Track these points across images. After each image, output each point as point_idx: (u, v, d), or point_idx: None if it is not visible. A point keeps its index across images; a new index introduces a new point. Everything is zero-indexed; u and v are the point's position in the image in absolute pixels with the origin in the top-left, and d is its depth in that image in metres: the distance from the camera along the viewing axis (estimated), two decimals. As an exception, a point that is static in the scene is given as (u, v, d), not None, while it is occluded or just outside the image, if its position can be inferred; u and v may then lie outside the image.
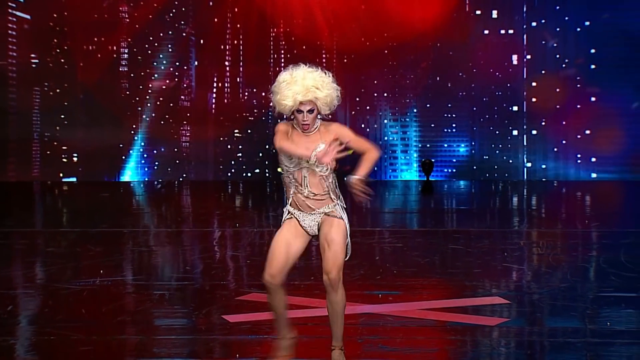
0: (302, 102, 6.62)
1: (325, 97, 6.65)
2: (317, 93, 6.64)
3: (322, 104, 6.66)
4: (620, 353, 7.39)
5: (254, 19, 17.14)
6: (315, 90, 6.62)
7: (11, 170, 17.24)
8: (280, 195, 16.44)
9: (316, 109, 6.67)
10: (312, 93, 6.62)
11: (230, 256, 11.62)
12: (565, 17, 16.73)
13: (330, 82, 6.71)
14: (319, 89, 6.65)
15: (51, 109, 17.12)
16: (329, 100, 6.68)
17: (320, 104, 6.66)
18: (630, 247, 11.54)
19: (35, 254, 11.91)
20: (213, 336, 7.89)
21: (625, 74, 16.58)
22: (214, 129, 17.24)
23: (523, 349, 7.60)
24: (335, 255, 6.76)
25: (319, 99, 6.65)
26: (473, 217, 14.71)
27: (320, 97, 6.66)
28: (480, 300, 9.07)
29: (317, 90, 6.63)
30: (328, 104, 6.70)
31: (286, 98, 6.64)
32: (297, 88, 6.63)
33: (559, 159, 16.96)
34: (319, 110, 6.69)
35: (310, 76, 6.67)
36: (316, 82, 6.65)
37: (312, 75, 6.68)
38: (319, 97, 6.66)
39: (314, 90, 6.62)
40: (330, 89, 6.69)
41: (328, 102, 6.69)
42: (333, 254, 6.77)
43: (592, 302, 8.98)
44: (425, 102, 16.92)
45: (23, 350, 7.66)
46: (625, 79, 16.56)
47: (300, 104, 6.62)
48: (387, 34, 16.86)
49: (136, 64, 17.16)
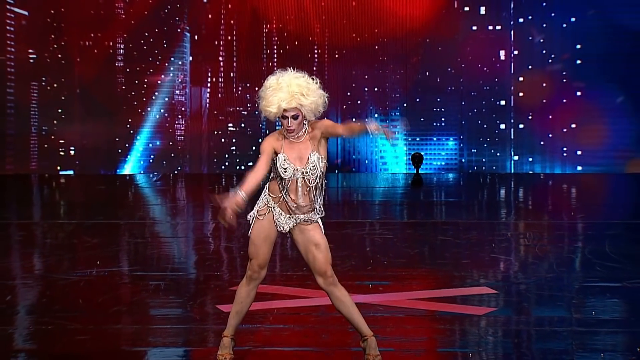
0: (286, 109, 6.59)
1: (310, 103, 6.65)
2: (301, 100, 6.61)
3: (307, 110, 6.66)
4: (605, 342, 7.40)
5: (247, 16, 17.13)
6: (300, 97, 6.61)
7: (9, 163, 17.22)
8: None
9: (301, 114, 6.66)
10: (297, 100, 6.59)
11: (223, 247, 11.62)
12: (551, 14, 16.74)
13: (316, 88, 6.70)
14: (304, 96, 6.64)
15: (48, 104, 17.10)
16: (313, 107, 6.67)
17: (305, 110, 6.65)
18: (615, 238, 11.56)
19: (33, 246, 11.91)
20: (207, 325, 7.89)
21: (610, 69, 16.59)
22: (208, 123, 17.23)
23: (510, 338, 7.61)
24: (326, 256, 6.76)
25: (304, 106, 6.63)
26: (461, 209, 14.72)
27: (305, 104, 6.63)
28: (468, 290, 9.07)
29: (302, 97, 6.62)
30: (313, 110, 6.69)
31: (271, 105, 6.64)
32: (282, 95, 6.63)
33: (545, 152, 16.98)
34: (304, 116, 6.68)
35: (296, 82, 6.66)
36: (301, 89, 6.64)
37: (298, 81, 6.67)
38: (303, 103, 6.62)
39: (298, 97, 6.60)
40: (316, 95, 6.68)
41: (313, 109, 6.68)
42: (324, 255, 6.77)
43: (577, 291, 8.99)
44: (415, 97, 16.94)
45: (21, 340, 7.65)
46: (610, 74, 16.58)
47: (284, 111, 6.61)
48: (378, 30, 16.87)
49: (132, 59, 17.14)
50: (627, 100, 16.78)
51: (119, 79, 17.24)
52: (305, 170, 6.70)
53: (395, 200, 14.66)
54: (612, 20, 16.72)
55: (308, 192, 6.76)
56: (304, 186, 6.76)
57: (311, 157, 6.70)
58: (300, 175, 6.71)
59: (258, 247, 6.86)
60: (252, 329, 7.76)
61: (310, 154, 6.70)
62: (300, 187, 6.74)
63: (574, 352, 7.13)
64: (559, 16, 16.89)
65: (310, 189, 6.75)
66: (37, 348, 7.43)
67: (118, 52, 17.23)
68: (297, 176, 6.72)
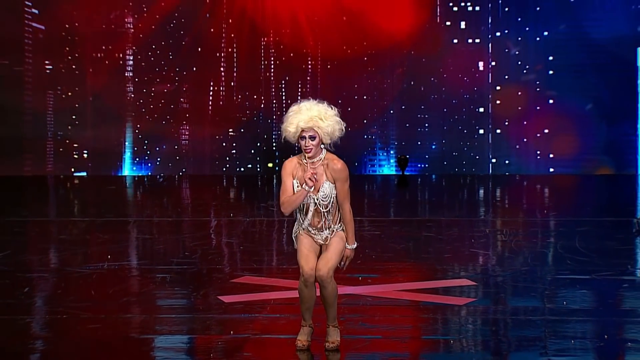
0: (303, 128, 6.70)
1: (327, 126, 6.74)
2: (319, 122, 6.73)
3: (324, 133, 6.75)
4: (576, 329, 7.41)
5: (246, 30, 17.11)
6: (318, 120, 6.73)
7: (27, 166, 17.19)
8: (270, 188, 16.44)
9: (318, 136, 6.73)
10: (315, 122, 6.71)
11: (225, 243, 11.60)
12: (526, 28, 16.74)
13: (333, 114, 6.80)
14: (322, 119, 6.75)
15: (63, 110, 17.07)
16: (330, 130, 6.76)
17: (322, 133, 6.74)
18: (584, 234, 11.56)
19: (49, 242, 11.89)
20: (210, 315, 7.88)
21: (580, 78, 16.61)
22: (210, 128, 17.22)
23: (488, 326, 7.61)
24: (329, 258, 6.83)
25: (321, 128, 6.73)
26: (444, 207, 14.72)
27: (322, 127, 6.74)
28: (450, 282, 9.07)
29: (319, 120, 6.74)
30: (329, 134, 6.77)
31: (291, 125, 6.77)
32: (301, 117, 6.75)
33: (520, 155, 16.99)
34: (321, 139, 6.75)
35: (316, 108, 6.79)
36: (320, 113, 6.76)
37: (318, 107, 6.80)
38: (320, 126, 6.72)
39: (317, 119, 6.72)
40: (333, 121, 6.78)
41: (329, 132, 6.76)
42: (327, 256, 6.84)
43: (550, 283, 9.00)
44: (401, 104, 16.94)
45: (38, 328, 7.64)
46: (579, 83, 16.60)
47: (302, 131, 6.71)
48: (367, 43, 16.86)
49: (140, 69, 17.11)
50: (595, 108, 16.80)
51: (128, 88, 17.22)
52: (316, 197, 6.80)
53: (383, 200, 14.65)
54: (581, 34, 16.73)
55: (321, 217, 6.84)
56: (317, 210, 6.83)
57: (323, 186, 6.78)
58: (312, 202, 6.79)
59: (305, 254, 6.90)
60: (251, 318, 7.75)
61: (323, 184, 6.78)
62: (312, 211, 6.83)
63: (546, 338, 7.13)
64: (532, 30, 16.89)
65: (322, 214, 6.84)
66: (53, 335, 7.42)
67: (127, 63, 17.21)
68: (309, 202, 6.81)
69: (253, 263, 10.16)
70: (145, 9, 16.80)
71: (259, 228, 12.46)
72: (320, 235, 6.93)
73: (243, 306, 8.14)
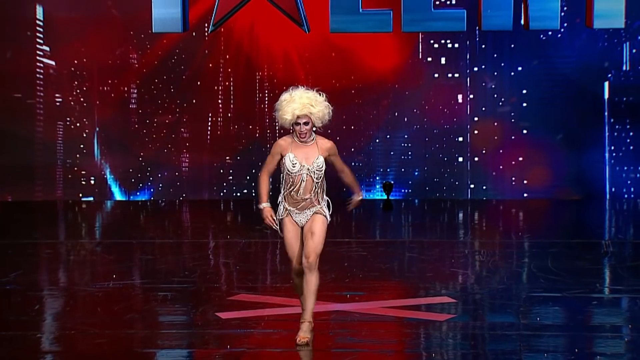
0: (298, 115, 7.02)
1: (318, 112, 7.10)
2: (311, 109, 7.08)
3: (316, 117, 7.11)
4: (548, 343, 7.43)
5: (242, 65, 17.15)
6: (310, 106, 7.07)
7: (38, 191, 17.17)
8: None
9: (311, 121, 7.08)
10: (307, 108, 7.06)
11: (222, 263, 11.60)
12: (501, 64, 16.82)
13: (322, 100, 7.16)
14: (313, 106, 7.09)
15: (72, 140, 17.07)
16: (321, 114, 7.11)
17: (314, 118, 7.11)
18: (556, 255, 11.59)
19: (58, 262, 11.87)
20: (208, 330, 7.88)
21: (551, 110, 16.68)
22: (209, 156, 17.23)
23: (467, 340, 7.62)
24: (315, 244, 7.10)
25: (313, 114, 7.09)
26: (426, 230, 14.73)
27: (314, 112, 7.10)
28: (431, 300, 9.08)
29: (311, 106, 7.08)
30: (320, 118, 7.13)
31: (286, 113, 7.10)
32: (295, 105, 7.07)
33: (497, 181, 17.04)
34: (314, 123, 7.09)
35: (306, 95, 7.13)
36: (311, 100, 7.10)
37: (308, 94, 7.14)
38: (312, 112, 7.13)
39: (309, 106, 7.07)
40: (322, 106, 7.14)
41: (320, 117, 7.12)
42: (314, 243, 7.07)
43: (524, 301, 9.02)
44: (386, 134, 16.99)
45: (48, 343, 7.63)
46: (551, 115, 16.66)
47: (297, 117, 7.02)
48: (354, 77, 16.92)
49: (144, 102, 17.14)
50: (566, 138, 16.85)
51: (133, 119, 17.21)
52: (311, 167, 7.11)
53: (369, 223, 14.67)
54: (552, 69, 16.80)
55: (312, 188, 7.09)
56: (309, 181, 7.09)
57: (318, 159, 7.11)
58: (305, 171, 7.11)
59: (292, 246, 7.24)
60: (247, 333, 7.75)
61: (318, 157, 7.12)
62: (305, 182, 7.09)
63: (521, 352, 7.14)
64: (507, 66, 16.96)
65: (314, 185, 7.09)
66: (62, 350, 7.41)
67: (132, 96, 17.22)
68: (303, 172, 7.10)
69: (248, 282, 10.17)
70: (149, 46, 16.83)
71: (254, 249, 12.46)
72: (303, 215, 7.15)
73: (239, 322, 8.14)
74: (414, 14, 15.36)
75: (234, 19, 16.25)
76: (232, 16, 15.97)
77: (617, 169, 16.77)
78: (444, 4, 16.24)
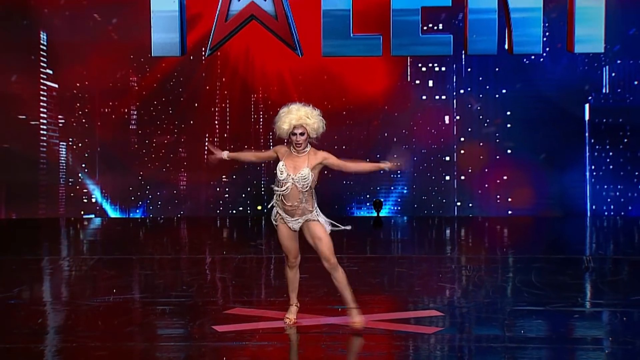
0: (295, 125, 7.44)
1: (313, 123, 7.58)
2: (307, 120, 7.56)
3: (311, 129, 7.58)
4: (532, 355, 7.43)
5: (238, 87, 17.18)
6: (305, 118, 7.55)
7: (41, 209, 17.15)
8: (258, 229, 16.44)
9: (306, 132, 7.52)
10: (303, 119, 7.55)
11: (218, 278, 11.59)
12: (486, 86, 16.88)
13: (317, 114, 7.65)
14: (309, 118, 7.57)
15: (74, 160, 17.08)
16: (315, 126, 7.59)
17: (309, 129, 7.56)
18: (539, 270, 11.60)
19: (60, 277, 11.84)
20: (205, 343, 7.86)
21: (534, 131, 16.73)
22: (206, 175, 17.22)
23: (454, 352, 7.61)
24: (327, 246, 7.68)
25: (309, 125, 7.55)
26: (414, 245, 14.74)
27: (309, 124, 7.57)
28: (420, 313, 9.08)
29: (307, 118, 7.56)
30: (315, 130, 7.60)
31: (284, 123, 7.56)
32: (292, 116, 7.50)
33: (482, 199, 17.07)
34: (309, 134, 7.52)
35: (303, 109, 7.60)
36: (307, 113, 7.58)
37: (304, 108, 7.59)
38: (308, 123, 7.56)
39: (305, 118, 7.55)
40: (317, 119, 7.63)
41: (315, 128, 7.59)
42: (325, 246, 7.66)
43: (509, 314, 9.02)
44: (376, 153, 17.00)
45: (51, 355, 7.61)
46: (534, 135, 16.71)
47: (294, 128, 7.44)
48: (345, 99, 16.95)
49: (143, 123, 17.15)
50: (548, 158, 16.90)
51: (133, 139, 17.22)
52: (295, 177, 7.49)
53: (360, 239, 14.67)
54: (535, 92, 16.86)
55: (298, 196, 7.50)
56: (294, 190, 7.49)
57: (303, 170, 7.50)
58: (291, 180, 7.52)
59: (287, 245, 7.79)
60: (242, 345, 7.74)
61: (304, 168, 7.51)
62: (290, 190, 7.48)
63: (506, 364, 7.13)
64: (492, 88, 17.02)
65: (300, 193, 7.47)
66: (64, 362, 7.38)
67: (132, 117, 17.23)
68: (288, 181, 7.52)
69: (244, 296, 10.15)
70: (148, 69, 16.86)
71: (249, 265, 12.45)
72: (295, 222, 7.62)
73: (234, 335, 8.13)
74: (402, 38, 15.44)
75: (230, 43, 16.32)
76: (228, 40, 16.04)
77: (598, 187, 16.82)
78: (432, 29, 16.29)
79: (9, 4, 16.76)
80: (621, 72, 16.63)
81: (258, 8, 15.50)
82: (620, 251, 13.78)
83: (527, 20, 15.14)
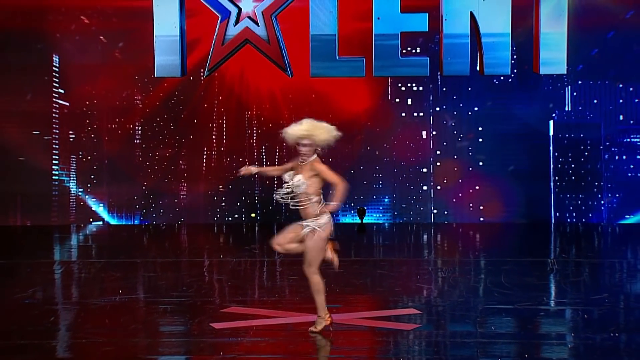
0: (299, 136, 7.58)
1: (319, 134, 7.62)
2: (312, 132, 7.60)
3: (317, 140, 7.62)
4: (502, 350, 7.45)
5: (233, 105, 17.20)
6: (311, 131, 7.59)
7: (54, 217, 17.12)
8: (252, 235, 16.42)
9: (310, 144, 7.61)
10: (308, 132, 7.60)
11: (216, 279, 11.58)
12: (460, 104, 16.94)
13: (324, 126, 7.72)
14: (315, 130, 7.62)
15: (84, 171, 17.06)
16: (322, 138, 7.63)
17: (314, 140, 7.63)
18: (509, 272, 11.63)
19: (71, 279, 11.82)
20: (203, 339, 7.85)
21: (504, 145, 16.79)
22: (204, 185, 17.23)
23: (431, 347, 7.63)
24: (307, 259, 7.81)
25: (313, 136, 7.61)
26: (394, 250, 14.75)
27: (314, 135, 7.61)
28: (399, 311, 9.09)
29: (312, 131, 7.60)
30: (321, 140, 7.64)
31: (293, 133, 7.66)
32: (301, 127, 7.63)
33: (456, 207, 17.10)
34: (315, 145, 7.63)
35: (311, 123, 7.67)
36: (313, 126, 7.64)
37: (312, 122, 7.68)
38: (312, 134, 7.61)
39: (310, 131, 7.60)
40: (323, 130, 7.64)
41: (321, 140, 7.64)
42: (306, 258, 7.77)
43: (481, 312, 9.04)
44: (360, 166, 17.02)
45: (62, 350, 7.60)
46: (503, 149, 16.77)
47: (299, 138, 7.57)
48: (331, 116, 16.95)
49: (147, 138, 17.14)
50: (516, 170, 16.97)
51: (137, 153, 17.22)
52: (291, 183, 7.64)
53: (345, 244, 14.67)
54: (504, 110, 16.93)
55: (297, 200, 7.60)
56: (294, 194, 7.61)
57: (296, 177, 7.60)
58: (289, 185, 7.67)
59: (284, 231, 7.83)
60: (237, 341, 7.73)
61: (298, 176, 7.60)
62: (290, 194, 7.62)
63: (478, 357, 7.16)
64: (465, 106, 17.10)
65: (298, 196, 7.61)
66: (74, 357, 7.37)
67: (136, 132, 17.23)
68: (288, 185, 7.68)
69: (239, 296, 10.15)
70: (151, 89, 16.89)
71: (244, 267, 12.45)
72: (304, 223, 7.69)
73: (230, 331, 8.12)
74: (383, 61, 15.50)
75: (226, 65, 16.35)
76: (225, 63, 16.08)
77: (561, 196, 16.90)
78: (410, 52, 16.35)
79: (24, 30, 16.79)
80: (582, 92, 16.73)
81: (252, 33, 15.56)
82: (582, 255, 13.83)
83: (497, 45, 15.24)
